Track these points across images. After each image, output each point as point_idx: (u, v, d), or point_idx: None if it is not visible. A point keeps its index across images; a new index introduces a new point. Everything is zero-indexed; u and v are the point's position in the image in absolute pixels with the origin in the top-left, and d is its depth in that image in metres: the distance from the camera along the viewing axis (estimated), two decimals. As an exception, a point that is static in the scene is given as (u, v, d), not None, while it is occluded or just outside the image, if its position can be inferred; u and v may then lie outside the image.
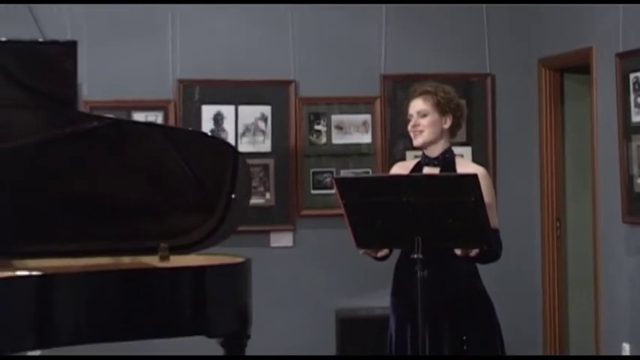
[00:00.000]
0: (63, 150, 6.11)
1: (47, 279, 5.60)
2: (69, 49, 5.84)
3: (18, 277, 5.66)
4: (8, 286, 5.51)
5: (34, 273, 5.66)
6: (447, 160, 4.96)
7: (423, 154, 5.03)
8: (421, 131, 4.95)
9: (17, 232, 6.22)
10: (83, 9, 8.19)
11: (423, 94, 4.99)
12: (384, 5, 8.67)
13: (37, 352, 7.22)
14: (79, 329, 5.71)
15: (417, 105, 4.96)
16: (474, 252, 4.61)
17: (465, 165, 5.10)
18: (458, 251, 4.63)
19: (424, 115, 4.93)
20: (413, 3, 8.63)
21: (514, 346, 4.95)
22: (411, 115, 4.98)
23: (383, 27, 8.71)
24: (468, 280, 4.88)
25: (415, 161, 5.12)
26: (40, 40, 7.48)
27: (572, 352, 8.69)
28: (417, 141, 4.98)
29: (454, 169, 4.91)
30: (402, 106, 5.21)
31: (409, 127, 5.00)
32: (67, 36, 7.53)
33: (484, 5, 8.79)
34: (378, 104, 8.66)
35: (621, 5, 7.48)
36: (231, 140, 8.17)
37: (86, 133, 6.17)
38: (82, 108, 7.58)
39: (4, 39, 6.11)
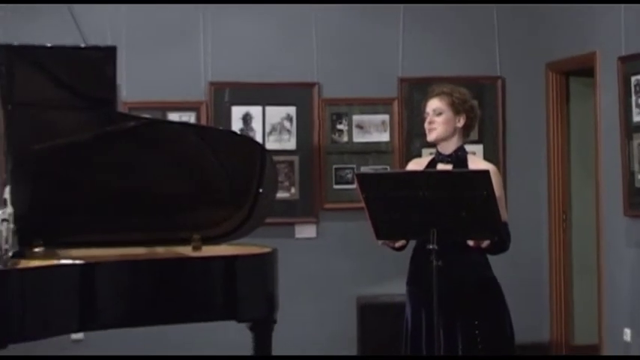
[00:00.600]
0: (104, 148, 6.13)
1: (89, 267, 5.62)
2: (109, 54, 5.89)
3: (63, 266, 5.66)
4: (54, 274, 5.54)
5: (78, 262, 5.67)
6: (459, 158, 4.96)
7: (437, 151, 5.04)
8: (435, 128, 4.96)
9: (62, 223, 6.28)
10: (123, 15, 8.26)
11: (440, 94, 5.00)
12: (401, 13, 8.70)
13: (80, 335, 7.28)
14: (118, 313, 5.74)
15: (434, 104, 4.98)
16: (485, 243, 4.62)
17: (477, 162, 5.09)
18: (470, 242, 4.63)
19: (439, 114, 4.93)
20: (429, 3, 8.65)
21: (522, 331, 4.96)
22: (427, 113, 5.00)
23: (400, 33, 8.73)
24: (479, 270, 4.87)
25: (430, 158, 5.13)
26: (83, 45, 7.53)
27: (577, 338, 8.70)
28: (431, 136, 4.99)
29: (466, 166, 4.91)
30: (418, 107, 5.21)
31: (425, 124, 5.02)
32: (108, 41, 7.56)
33: (495, 11, 8.81)
34: (395, 105, 8.68)
35: (623, 12, 7.50)
36: (259, 138, 8.23)
37: (125, 132, 6.20)
38: (121, 108, 7.62)
39: (49, 45, 6.18)
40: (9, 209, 5.58)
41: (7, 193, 5.72)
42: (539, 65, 8.83)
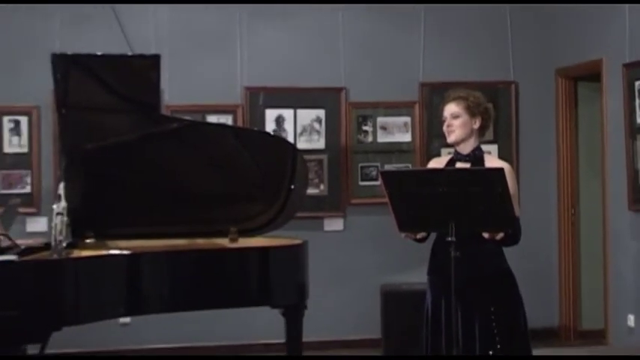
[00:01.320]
0: (149, 147, 6.19)
1: (136, 257, 5.66)
2: (153, 61, 5.93)
3: (112, 255, 5.71)
4: (104, 263, 5.58)
5: (125, 252, 5.72)
6: (476, 157, 4.94)
7: (456, 151, 5.02)
8: (453, 131, 4.95)
9: (111, 217, 6.33)
10: (166, 26, 8.30)
11: (456, 99, 4.96)
12: (422, 23, 8.71)
13: (127, 319, 7.33)
14: (162, 299, 5.77)
15: (451, 108, 4.94)
16: (499, 235, 4.63)
17: (493, 160, 5.07)
18: (485, 235, 4.64)
19: (456, 117, 4.91)
20: (447, 2, 8.66)
21: (534, 317, 4.97)
22: (445, 117, 4.96)
23: (421, 42, 8.74)
24: (494, 260, 4.85)
25: (449, 157, 5.10)
26: (129, 53, 7.59)
27: (584, 323, 8.69)
28: (450, 138, 4.97)
29: (483, 165, 4.89)
30: (438, 110, 5.19)
31: (444, 127, 5.02)
32: (152, 50, 7.59)
33: (509, 21, 8.81)
34: (416, 108, 8.69)
35: (627, 22, 7.51)
36: (290, 139, 8.24)
37: (168, 133, 6.26)
38: (165, 111, 7.63)
39: (99, 53, 6.24)
40: (63, 204, 5.62)
41: (61, 189, 5.76)
42: (550, 71, 8.83)
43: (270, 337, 7.21)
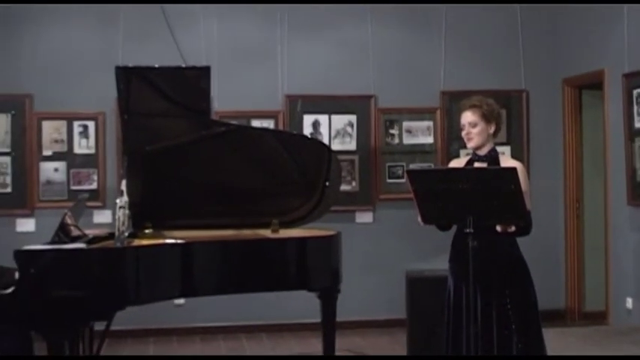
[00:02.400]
0: (200, 148, 6.20)
1: (189, 245, 5.69)
2: (204, 72, 5.94)
3: (168, 244, 5.77)
4: (161, 251, 5.63)
5: (179, 241, 5.76)
6: (492, 157, 4.92)
7: (474, 152, 5.01)
8: (472, 138, 4.92)
9: (167, 210, 6.36)
10: (215, 40, 8.34)
11: (472, 107, 4.92)
12: (443, 37, 8.70)
13: (181, 301, 7.36)
14: (211, 283, 5.80)
15: (468, 117, 4.91)
16: (512, 228, 4.63)
17: (507, 160, 5.05)
18: (499, 227, 4.64)
19: (474, 125, 4.87)
20: (462, 6, 8.65)
21: (542, 300, 4.94)
22: (464, 125, 4.92)
23: (442, 54, 8.73)
24: (508, 249, 4.83)
25: (467, 158, 5.09)
26: (183, 65, 7.62)
27: (588, 305, 8.69)
28: (470, 145, 4.94)
29: (498, 164, 4.89)
30: (457, 115, 5.17)
31: (463, 135, 4.93)
32: (203, 62, 7.65)
33: (520, 35, 8.78)
34: (438, 113, 8.69)
35: (626, 37, 7.54)
36: (325, 141, 8.23)
37: (217, 135, 6.26)
38: (214, 116, 7.68)
39: (157, 65, 6.27)
40: (125, 198, 5.64)
41: (123, 186, 5.79)
42: (557, 80, 8.81)
43: (307, 317, 7.21)
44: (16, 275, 5.11)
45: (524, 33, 8.83)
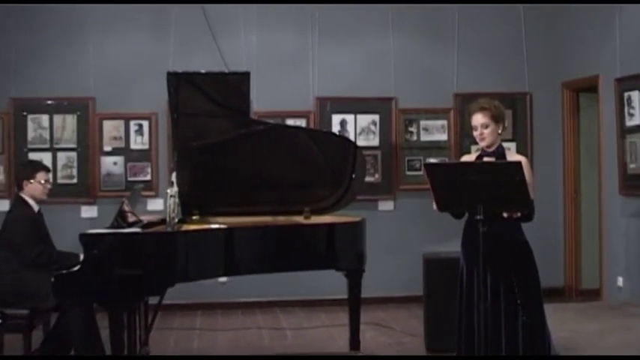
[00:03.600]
0: (241, 144, 6.23)
1: (231, 230, 5.70)
2: (244, 77, 5.98)
3: (213, 229, 5.79)
4: (207, 234, 5.65)
5: (223, 226, 5.78)
6: (499, 152, 4.89)
7: (482, 148, 4.99)
8: (485, 138, 4.87)
9: (212, 198, 6.38)
10: (254, 49, 8.35)
11: (482, 109, 4.88)
12: (456, 47, 8.66)
13: (224, 279, 7.38)
14: (251, 263, 5.81)
15: (479, 119, 4.87)
16: (516, 215, 4.61)
17: (513, 155, 5.03)
18: (505, 214, 4.62)
19: (486, 126, 4.82)
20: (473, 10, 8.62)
21: (543, 278, 4.90)
22: (476, 127, 4.89)
23: (455, 61, 8.70)
24: (514, 234, 4.81)
25: (477, 153, 5.07)
26: (226, 71, 7.64)
27: (584, 283, 8.67)
28: (483, 144, 4.87)
29: (505, 158, 4.88)
30: (468, 115, 5.13)
31: (476, 135, 4.90)
32: (243, 68, 7.64)
33: (524, 44, 8.73)
34: (451, 113, 8.65)
35: (618, 46, 7.54)
36: (352, 138, 8.23)
37: (255, 133, 6.29)
38: (253, 116, 7.65)
39: (203, 71, 6.30)
40: (175, 188, 5.66)
41: (173, 177, 5.84)
42: (557, 84, 8.76)
43: (336, 293, 7.20)
44: (81, 257, 5.17)
45: (528, 42, 8.77)
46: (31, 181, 5.84)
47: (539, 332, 4.81)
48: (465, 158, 5.24)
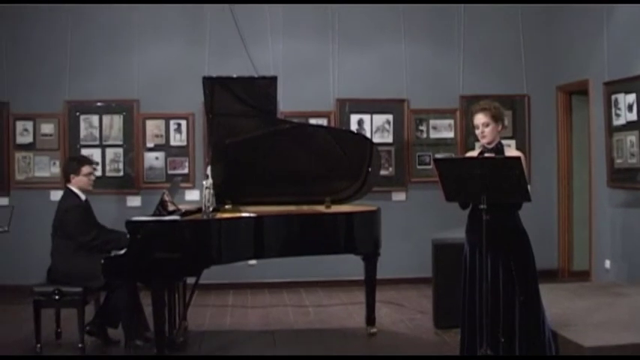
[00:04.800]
0: (269, 141, 6.26)
1: (260, 218, 5.74)
2: (272, 81, 5.99)
3: (244, 217, 5.82)
4: (238, 222, 5.70)
5: (253, 214, 5.80)
6: (498, 148, 4.88)
7: (483, 145, 4.95)
8: (486, 136, 4.85)
9: (243, 190, 6.41)
10: (280, 55, 8.34)
11: (483, 110, 4.87)
12: (461, 54, 8.63)
13: (254, 262, 7.38)
14: (278, 248, 5.85)
15: (481, 119, 4.86)
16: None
17: (511, 151, 5.00)
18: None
19: (487, 125, 4.81)
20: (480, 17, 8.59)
21: (539, 261, 4.86)
22: (478, 125, 4.87)
23: (460, 66, 8.66)
24: (513, 222, 4.78)
25: (479, 150, 5.07)
26: (255, 76, 7.64)
27: (575, 266, 8.64)
28: (484, 141, 4.84)
29: (503, 153, 4.85)
30: (470, 115, 5.11)
31: (477, 133, 4.90)
32: (270, 72, 7.66)
33: (522, 50, 8.68)
34: (457, 113, 8.60)
35: (606, 53, 7.51)
36: (368, 135, 8.20)
37: (282, 131, 6.32)
38: (280, 116, 7.62)
39: (235, 76, 6.31)
40: (210, 181, 5.70)
41: (209, 171, 5.88)
42: (552, 87, 8.70)
43: (354, 275, 7.21)
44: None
45: (526, 49, 8.70)
46: (78, 174, 5.87)
47: (534, 310, 4.80)
48: (469, 154, 5.24)
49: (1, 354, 5.68)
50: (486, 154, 4.89)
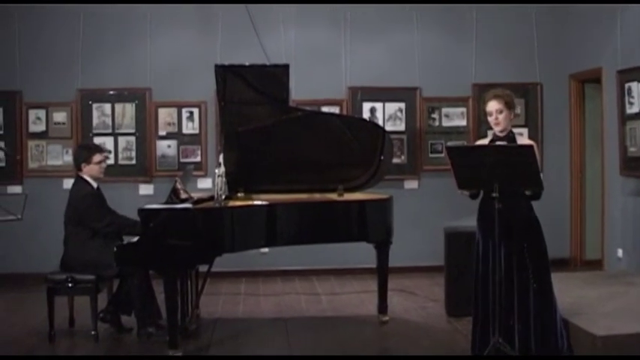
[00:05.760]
0: (281, 129, 6.23)
1: (272, 206, 5.74)
2: (284, 69, 5.97)
3: (256, 205, 5.83)
4: (250, 210, 5.70)
5: (264, 202, 5.81)
6: (510, 137, 4.87)
7: (495, 133, 4.94)
8: (499, 122, 4.85)
9: (255, 178, 6.41)
10: (292, 43, 8.33)
11: (496, 97, 4.86)
12: (474, 41, 8.59)
13: (266, 250, 7.40)
14: (290, 235, 5.86)
15: (494, 105, 4.84)
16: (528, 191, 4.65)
17: (522, 139, 5.02)
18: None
19: (500, 112, 4.81)
20: (490, 4, 8.54)
21: (551, 250, 4.86)
22: (491, 112, 4.85)
23: (473, 54, 8.62)
24: (526, 211, 4.77)
25: (491, 137, 5.05)
26: (267, 63, 7.62)
27: (588, 255, 8.62)
28: (498, 128, 4.85)
29: (515, 142, 4.84)
30: (482, 103, 5.09)
31: (491, 120, 4.88)
32: (283, 60, 7.62)
33: (535, 38, 8.63)
34: (470, 101, 8.56)
35: (619, 41, 7.46)
36: (380, 124, 8.14)
37: (294, 119, 6.30)
38: (292, 104, 7.61)
39: (247, 64, 6.30)
40: (222, 169, 5.70)
41: (221, 159, 5.86)
42: (565, 76, 8.64)
43: (366, 263, 7.21)
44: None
45: (539, 37, 8.65)
46: (89, 163, 5.87)
47: (547, 297, 4.80)
48: (480, 142, 5.23)
49: (15, 341, 5.72)
50: (498, 143, 4.87)
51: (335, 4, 8.43)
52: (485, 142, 5.09)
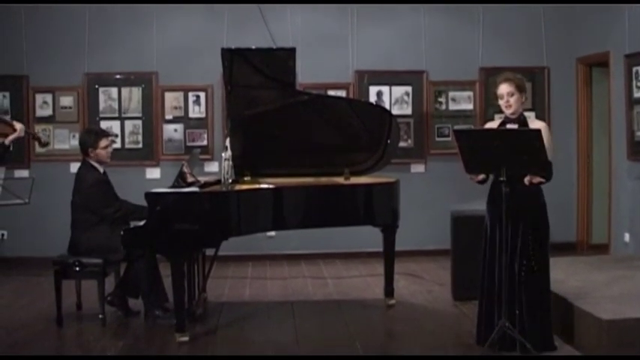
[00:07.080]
0: (288, 113, 6.20)
1: (279, 190, 5.72)
2: (291, 52, 5.93)
3: (262, 188, 5.80)
4: (257, 193, 5.68)
5: (271, 186, 5.79)
6: (521, 120, 4.86)
7: (505, 115, 4.93)
8: (511, 105, 4.82)
9: (262, 161, 6.40)
10: (299, 27, 8.28)
11: (507, 80, 4.82)
12: (481, 25, 8.53)
13: (272, 233, 7.40)
14: (296, 219, 5.84)
15: (506, 88, 4.80)
16: (536, 180, 4.60)
17: (534, 122, 4.96)
18: (527, 180, 4.61)
19: (512, 95, 4.78)
20: (499, 3, 8.47)
21: (559, 234, 4.91)
22: (502, 95, 4.81)
23: (480, 37, 8.56)
24: (534, 195, 4.76)
25: (500, 120, 5.03)
26: (274, 47, 7.59)
27: (594, 239, 8.60)
28: (509, 111, 4.82)
29: (527, 125, 4.82)
30: (492, 87, 5.06)
31: (502, 103, 4.83)
32: (289, 44, 7.58)
33: (542, 23, 8.57)
34: (477, 85, 8.53)
35: (627, 24, 7.43)
36: (387, 107, 8.11)
37: (301, 102, 6.27)
38: (299, 88, 7.59)
39: (254, 47, 6.27)
40: (229, 152, 5.69)
41: (227, 142, 5.84)
42: (572, 59, 8.60)
43: (373, 247, 7.21)
44: (147, 212, 5.23)
45: (546, 21, 8.60)
46: (96, 148, 5.85)
47: (545, 282, 4.80)
48: (488, 125, 5.20)
49: (22, 325, 5.72)
50: (508, 125, 4.85)
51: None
52: (495, 124, 5.06)
